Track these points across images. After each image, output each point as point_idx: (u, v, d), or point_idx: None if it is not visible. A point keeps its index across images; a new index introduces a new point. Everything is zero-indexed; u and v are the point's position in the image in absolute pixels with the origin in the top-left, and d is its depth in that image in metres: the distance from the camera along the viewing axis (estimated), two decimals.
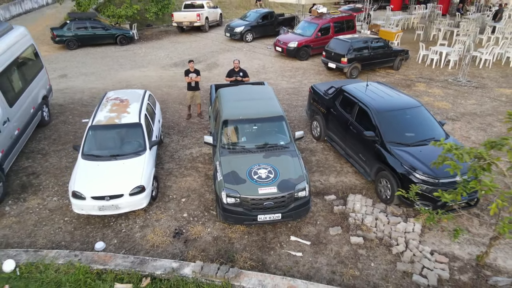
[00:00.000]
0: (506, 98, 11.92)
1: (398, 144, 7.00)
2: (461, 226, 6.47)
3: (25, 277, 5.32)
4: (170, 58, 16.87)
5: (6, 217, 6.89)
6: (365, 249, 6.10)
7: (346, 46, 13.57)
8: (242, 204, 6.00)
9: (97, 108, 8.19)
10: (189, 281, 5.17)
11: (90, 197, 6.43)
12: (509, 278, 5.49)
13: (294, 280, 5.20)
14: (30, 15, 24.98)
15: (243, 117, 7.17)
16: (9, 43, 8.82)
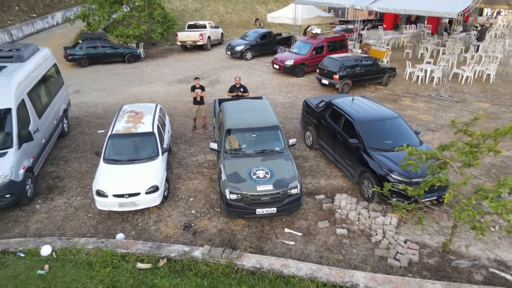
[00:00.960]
0: (483, 112, 13.08)
1: (378, 150, 8.08)
2: (432, 220, 7.50)
3: (61, 259, 6.32)
4: (175, 75, 18.13)
5: (37, 213, 7.91)
6: (348, 239, 7.10)
7: (338, 64, 14.83)
8: (243, 200, 7.05)
9: (115, 119, 9.30)
10: (199, 261, 6.17)
11: (111, 195, 7.46)
12: (469, 261, 6.50)
13: (287, 260, 6.21)
14: (41, 35, 26.40)
15: (244, 127, 8.28)
16: (37, 63, 10.01)
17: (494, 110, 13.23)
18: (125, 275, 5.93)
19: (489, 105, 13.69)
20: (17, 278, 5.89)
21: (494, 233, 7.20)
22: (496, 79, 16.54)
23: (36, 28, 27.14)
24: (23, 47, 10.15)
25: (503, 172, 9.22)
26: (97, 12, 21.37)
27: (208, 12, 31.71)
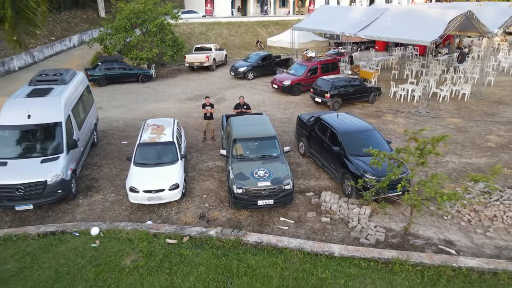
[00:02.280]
0: (454, 126, 15.08)
1: (356, 155, 10.02)
2: (398, 211, 9.37)
3: (107, 236, 8.20)
4: (185, 94, 20.27)
5: (80, 206, 9.81)
6: (330, 225, 8.96)
7: (329, 84, 16.92)
8: (247, 193, 8.95)
9: (141, 131, 11.29)
10: (213, 238, 8.04)
11: (142, 191, 9.37)
12: (423, 241, 8.34)
13: (281, 237, 8.09)
14: (60, 56, 28.75)
15: (248, 137, 10.27)
16: (76, 85, 12.10)
17: (464, 124, 15.22)
18: (157, 247, 7.81)
19: (460, 120, 15.70)
20: (76, 249, 7.78)
21: (446, 221, 9.06)
22: (471, 98, 18.60)
23: (55, 50, 29.52)
24: (64, 72, 12.26)
25: (461, 175, 11.12)
26: (114, 37, 23.68)
27: (212, 35, 34.20)
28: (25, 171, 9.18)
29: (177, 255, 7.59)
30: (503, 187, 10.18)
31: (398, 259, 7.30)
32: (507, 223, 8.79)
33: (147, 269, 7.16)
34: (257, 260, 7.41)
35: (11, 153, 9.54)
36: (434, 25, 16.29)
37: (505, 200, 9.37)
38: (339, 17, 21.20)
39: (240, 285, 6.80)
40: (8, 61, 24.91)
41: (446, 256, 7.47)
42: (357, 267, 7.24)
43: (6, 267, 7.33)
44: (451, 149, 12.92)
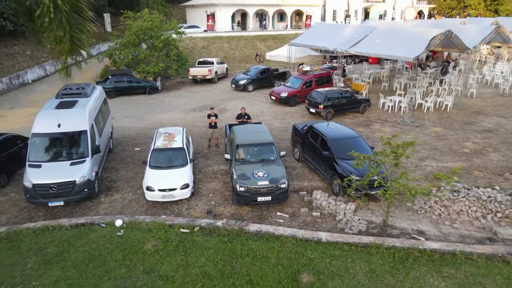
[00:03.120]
0: (435, 134, 16.62)
1: (343, 159, 11.51)
2: (379, 207, 10.82)
3: (129, 227, 9.65)
4: (189, 105, 21.84)
5: (103, 204, 11.25)
6: (320, 218, 10.41)
7: (323, 96, 18.51)
8: (248, 191, 10.42)
9: (155, 138, 12.77)
10: (220, 228, 9.49)
11: (157, 190, 10.83)
12: (399, 231, 9.78)
13: (277, 227, 9.55)
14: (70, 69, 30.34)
15: (248, 143, 11.78)
16: (96, 97, 13.65)
17: (444, 133, 16.76)
18: (173, 235, 9.25)
19: (441, 129, 17.25)
20: (104, 237, 9.22)
21: (420, 215, 10.50)
22: (453, 108, 20.19)
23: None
24: (86, 86, 13.83)
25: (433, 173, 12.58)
26: (122, 51, 25.37)
27: (214, 49, 35.98)
28: (57, 172, 10.65)
29: (190, 241, 9.03)
30: (472, 186, 11.68)
31: (375, 243, 8.76)
32: (471, 216, 10.25)
33: (165, 252, 8.61)
34: (257, 245, 8.86)
35: (45, 157, 11.03)
36: (417, 43, 17.98)
37: (470, 197, 10.87)
38: (332, 34, 22.93)
39: (243, 263, 8.24)
40: (22, 74, 26.56)
41: (414, 241, 8.94)
42: (340, 249, 8.70)
43: (47, 251, 8.77)
44: (430, 155, 14.44)
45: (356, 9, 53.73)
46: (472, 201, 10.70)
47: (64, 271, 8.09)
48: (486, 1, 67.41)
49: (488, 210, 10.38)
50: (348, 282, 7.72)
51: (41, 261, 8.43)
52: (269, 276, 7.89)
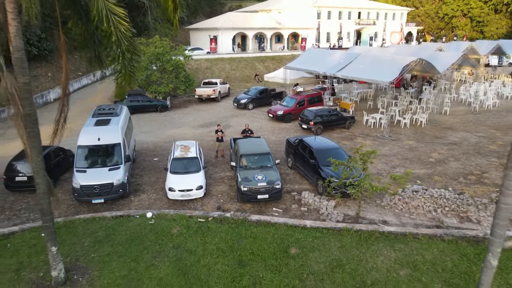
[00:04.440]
0: (408, 146, 19.53)
1: (326, 166, 14.35)
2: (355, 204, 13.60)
3: (158, 218, 12.41)
4: (197, 121, 24.79)
5: (133, 202, 14.00)
6: (307, 212, 13.16)
7: (313, 114, 21.48)
8: (250, 191, 13.22)
9: (173, 149, 15.62)
10: (229, 218, 12.27)
11: (177, 190, 13.62)
12: (368, 221, 12.55)
13: (272, 216, 12.34)
14: (87, 89, 33.51)
15: (250, 153, 14.65)
16: (124, 115, 16.57)
17: (416, 145, 19.68)
18: (193, 223, 12.02)
19: (414, 142, 20.17)
20: (139, 225, 11.98)
21: (386, 209, 13.27)
22: (428, 124, 23.17)
23: (82, 83, 34.33)
24: (116, 107, 16.77)
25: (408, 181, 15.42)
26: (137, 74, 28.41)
27: (216, 70, 39.22)
28: (98, 176, 13.47)
29: (206, 227, 11.81)
30: (429, 187, 14.51)
31: (346, 228, 11.55)
32: (425, 210, 13.05)
33: (188, 234, 11.37)
34: (257, 229, 11.64)
35: (88, 164, 13.87)
36: (393, 69, 21.11)
37: (426, 196, 13.69)
38: (322, 59, 26.12)
39: (247, 242, 11.00)
40: (46, 94, 29.60)
41: (376, 226, 11.73)
42: (320, 232, 11.47)
43: (97, 234, 11.52)
44: (401, 163, 17.31)
45: (349, 31, 57.46)
46: (427, 199, 13.53)
47: (113, 248, 10.84)
48: (472, 22, 71.57)
49: (439, 205, 13.19)
50: (324, 253, 10.49)
51: (94, 241, 11.18)
52: (266, 250, 10.66)
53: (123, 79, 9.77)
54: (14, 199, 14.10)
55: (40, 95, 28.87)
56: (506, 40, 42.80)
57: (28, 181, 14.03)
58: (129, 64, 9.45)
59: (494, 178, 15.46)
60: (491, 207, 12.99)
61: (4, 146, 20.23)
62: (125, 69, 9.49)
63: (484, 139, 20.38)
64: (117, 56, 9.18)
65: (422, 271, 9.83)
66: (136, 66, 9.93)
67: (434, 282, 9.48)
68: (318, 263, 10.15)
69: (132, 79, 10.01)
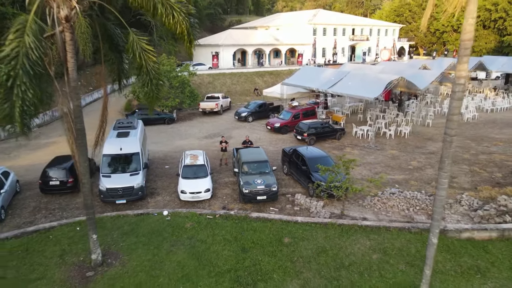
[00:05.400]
0: (391, 155, 21.91)
1: (316, 172, 16.70)
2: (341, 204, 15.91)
3: (173, 215, 14.71)
4: (202, 133, 27.20)
5: (150, 203, 16.29)
6: (299, 211, 15.46)
7: (307, 127, 23.91)
8: (251, 193, 15.55)
9: (184, 158, 17.97)
10: (233, 215, 14.57)
11: (188, 192, 15.94)
12: (351, 218, 14.84)
13: (270, 214, 14.66)
14: (97, 103, 35.88)
15: (250, 161, 17.02)
16: (140, 128, 18.98)
17: (398, 154, 22.07)
18: (203, 219, 14.32)
19: (396, 151, 22.57)
20: (158, 221, 14.28)
21: (366, 208, 15.57)
22: (411, 135, 25.59)
23: (93, 97, 36.84)
24: (133, 120, 19.20)
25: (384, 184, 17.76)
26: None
27: (218, 84, 41.82)
28: (121, 180, 15.79)
29: (214, 222, 14.11)
30: (404, 190, 16.83)
31: (331, 222, 13.86)
32: (400, 208, 15.35)
33: (199, 228, 13.67)
34: (257, 224, 13.94)
35: (112, 170, 16.22)
36: (378, 86, 23.63)
37: (401, 197, 16.03)
38: (316, 76, 28.69)
39: (248, 234, 13.29)
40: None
41: (356, 221, 14.05)
42: (309, 226, 13.78)
43: (123, 228, 13.80)
44: (384, 170, 19.66)
45: (343, 47, 60.40)
46: (401, 199, 15.86)
47: (137, 238, 13.12)
48: None
49: (411, 205, 15.51)
50: (312, 242, 12.78)
51: (122, 233, 13.47)
52: (264, 240, 12.95)
53: (150, 100, 12.15)
54: (48, 200, 16.37)
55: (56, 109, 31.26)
56: (488, 56, 45.55)
57: (60, 185, 16.40)
58: (155, 89, 11.84)
59: (462, 183, 17.82)
60: (455, 206, 15.35)
61: (29, 155, 22.59)
62: (152, 92, 11.88)
63: (459, 149, 22.77)
64: (146, 82, 11.58)
65: (390, 255, 12.13)
66: (160, 89, 12.30)
67: (400, 263, 11.77)
68: (307, 249, 12.44)
69: (157, 100, 12.40)
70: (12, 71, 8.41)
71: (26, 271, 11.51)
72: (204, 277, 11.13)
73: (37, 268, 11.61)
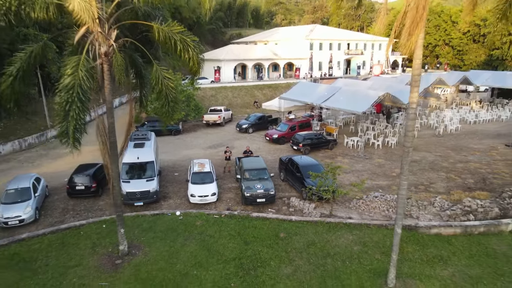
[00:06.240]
0: (378, 164, 24.32)
1: (308, 177, 19.08)
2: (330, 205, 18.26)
3: (185, 215, 17.06)
4: (206, 143, 29.65)
5: (163, 205, 18.62)
6: (294, 212, 17.81)
7: (302, 138, 26.38)
8: (251, 196, 17.93)
9: (192, 166, 20.37)
10: (236, 215, 16.93)
11: (197, 196, 18.31)
12: (338, 217, 17.19)
13: (267, 213, 17.03)
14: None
15: (251, 168, 19.44)
16: (154, 139, 21.43)
17: (384, 163, 24.48)
18: (210, 218, 16.67)
19: (382, 160, 25.00)
20: (171, 220, 16.63)
21: (352, 209, 17.94)
22: (397, 146, 28.03)
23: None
24: (147, 133, 21.67)
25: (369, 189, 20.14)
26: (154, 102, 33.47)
27: (220, 97, 44.42)
28: (139, 185, 18.18)
29: (220, 221, 16.46)
30: (385, 194, 19.21)
31: (320, 220, 16.22)
32: (381, 209, 17.72)
33: (208, 225, 16.02)
34: (257, 222, 16.30)
35: (131, 177, 18.60)
36: (366, 101, 26.17)
37: (382, 199, 18.41)
38: (311, 91, 31.27)
39: (249, 230, 15.63)
40: None
41: (342, 219, 16.42)
42: (301, 223, 16.14)
43: (142, 225, 16.15)
44: (370, 176, 22.04)
45: (339, 60, 63.28)
46: (382, 202, 18.24)
47: (155, 234, 15.46)
48: (454, 51, 77.81)
49: (390, 206, 17.87)
50: (303, 236, 15.13)
51: (141, 230, 15.80)
52: (263, 235, 15.29)
53: (166, 118, 14.58)
54: (74, 203, 18.71)
55: None
56: (474, 71, 48.29)
57: (84, 190, 18.79)
58: (171, 109, 14.28)
59: (438, 188, 20.22)
60: (429, 207, 17.73)
61: (51, 164, 24.99)
62: (168, 112, 14.32)
63: (439, 158, 25.24)
64: (164, 104, 14.04)
65: (369, 247, 14.47)
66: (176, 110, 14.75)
67: (376, 253, 14.11)
68: (299, 242, 14.79)
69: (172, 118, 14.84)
70: (70, 98, 10.87)
71: (64, 259, 13.82)
72: (214, 264, 13.45)
73: (74, 257, 13.93)
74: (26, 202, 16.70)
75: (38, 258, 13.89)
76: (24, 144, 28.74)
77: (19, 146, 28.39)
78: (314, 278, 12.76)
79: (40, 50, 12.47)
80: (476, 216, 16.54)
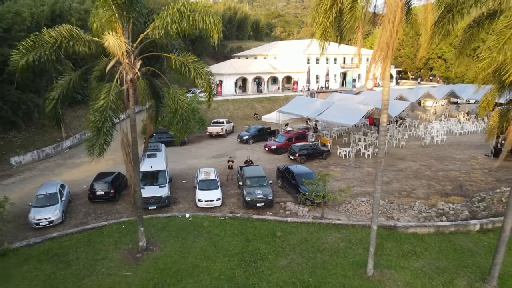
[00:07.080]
0: (367, 172, 26.70)
1: (302, 184, 21.46)
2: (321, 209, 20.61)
3: (193, 217, 19.42)
4: (210, 153, 32.08)
5: (174, 209, 20.97)
6: (290, 215, 20.16)
7: (298, 148, 28.83)
8: (252, 201, 20.31)
9: (199, 174, 22.77)
10: (238, 217, 19.29)
11: (204, 200, 20.69)
12: (328, 219, 19.55)
13: (266, 215, 19.40)
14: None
15: (251, 176, 21.85)
16: (164, 150, 23.88)
17: (372, 171, 26.84)
18: (216, 220, 19.02)
19: (371, 169, 27.39)
20: (182, 221, 18.97)
21: (341, 212, 20.30)
22: (386, 156, 30.41)
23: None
24: (158, 144, 24.15)
25: (357, 194, 22.52)
26: None
27: (222, 110, 46.99)
28: (152, 191, 20.57)
29: (225, 222, 18.82)
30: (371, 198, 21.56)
31: (312, 222, 18.59)
32: (366, 212, 20.08)
33: (214, 226, 18.37)
34: (257, 223, 18.64)
35: (145, 183, 20.99)
36: (357, 114, 28.70)
37: (368, 204, 20.78)
38: (306, 106, 33.83)
39: (250, 230, 17.97)
40: (86, 132, 36.91)
41: (331, 220, 18.78)
42: (296, 224, 18.49)
43: (157, 226, 18.49)
44: (359, 184, 24.44)
45: (335, 74, 66.11)
46: (368, 206, 20.61)
47: (169, 233, 17.80)
48: (446, 64, 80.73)
49: None
50: (297, 235, 17.47)
51: (156, 230, 18.15)
52: (262, 233, 17.63)
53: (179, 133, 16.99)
54: (94, 207, 21.07)
55: (83, 132, 36.26)
56: (460, 84, 51.03)
57: (104, 195, 21.16)
58: (185, 126, 16.71)
59: (419, 194, 22.61)
60: (409, 210, 20.11)
61: (69, 173, 27.39)
62: (181, 129, 16.76)
63: (423, 167, 27.66)
64: (179, 121, 16.49)
65: (353, 243, 16.81)
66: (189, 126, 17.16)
67: (359, 249, 16.43)
68: (293, 240, 17.13)
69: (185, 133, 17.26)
70: (102, 117, 13.34)
71: (92, 254, 16.14)
72: (220, 257, 15.78)
73: (100, 252, 16.25)
74: (55, 206, 19.06)
75: (69, 253, 16.20)
76: (42, 154, 31.17)
77: (38, 156, 30.83)
78: (305, 268, 15.06)
79: (78, 77, 14.99)
80: (448, 217, 18.92)
